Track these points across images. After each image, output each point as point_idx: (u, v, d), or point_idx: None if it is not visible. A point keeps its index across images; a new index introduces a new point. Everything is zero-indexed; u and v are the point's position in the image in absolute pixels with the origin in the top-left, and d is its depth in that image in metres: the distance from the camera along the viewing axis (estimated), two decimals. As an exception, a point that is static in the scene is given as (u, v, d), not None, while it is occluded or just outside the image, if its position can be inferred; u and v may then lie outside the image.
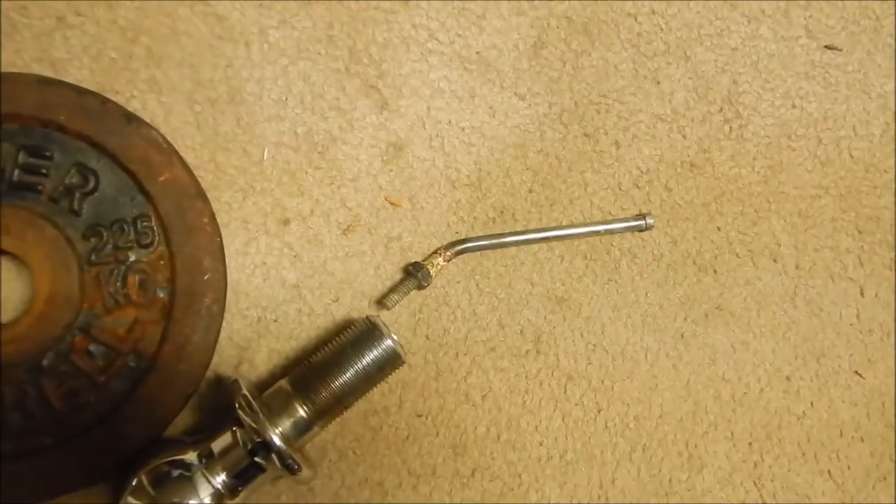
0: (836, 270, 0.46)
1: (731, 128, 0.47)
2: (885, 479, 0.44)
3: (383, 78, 0.43)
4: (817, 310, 0.46)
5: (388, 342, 0.37)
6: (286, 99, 0.41)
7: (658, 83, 0.46)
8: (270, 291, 0.41)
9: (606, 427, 0.43)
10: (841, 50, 0.48)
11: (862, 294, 0.46)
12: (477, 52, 0.44)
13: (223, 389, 0.39)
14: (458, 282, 0.43)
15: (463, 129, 0.44)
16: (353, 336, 0.38)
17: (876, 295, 0.46)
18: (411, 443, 0.41)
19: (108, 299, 0.37)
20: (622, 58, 0.46)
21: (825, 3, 0.48)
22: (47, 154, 0.37)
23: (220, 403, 0.39)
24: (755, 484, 0.43)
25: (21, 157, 0.36)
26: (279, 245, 0.41)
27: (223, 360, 0.40)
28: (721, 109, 0.47)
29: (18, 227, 0.36)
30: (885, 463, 0.44)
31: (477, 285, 0.43)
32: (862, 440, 0.44)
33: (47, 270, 0.36)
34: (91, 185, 0.37)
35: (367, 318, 0.38)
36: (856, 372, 0.45)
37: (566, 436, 0.42)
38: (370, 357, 0.37)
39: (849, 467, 0.44)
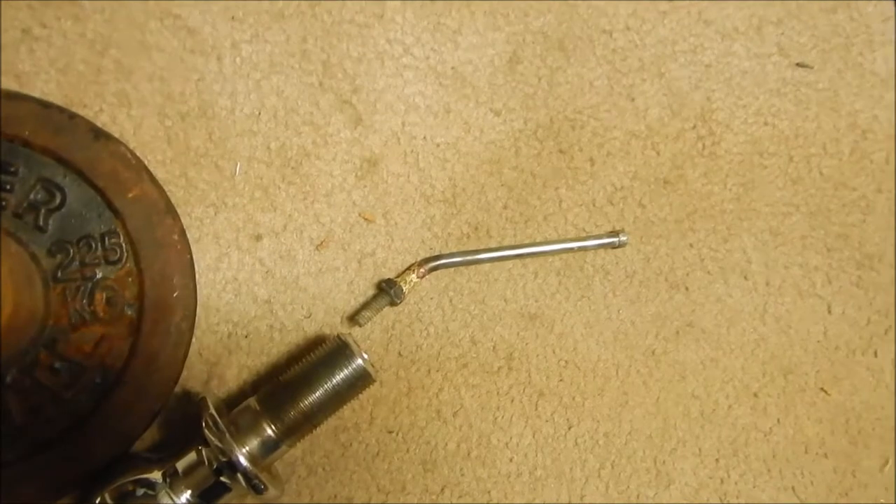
0: (805, 288, 0.47)
1: (704, 145, 0.47)
2: (847, 494, 0.45)
3: (357, 93, 0.42)
4: (786, 327, 0.46)
5: (359, 361, 0.37)
6: (259, 113, 0.41)
7: (633, 100, 0.46)
8: (242, 307, 0.41)
9: (576, 444, 0.43)
10: (812, 68, 0.48)
11: (829, 311, 0.47)
12: (452, 68, 0.44)
13: (192, 406, 0.39)
14: (431, 298, 0.43)
15: (438, 145, 0.44)
16: (323, 354, 0.38)
17: (843, 312, 0.47)
18: (381, 459, 0.41)
19: (74, 316, 0.36)
20: (597, 74, 0.46)
21: (797, 21, 0.48)
22: (12, 169, 0.36)
23: (188, 420, 0.39)
24: (721, 500, 0.44)
25: (-16, 173, 0.36)
26: (251, 261, 0.41)
27: (193, 376, 0.40)
28: (695, 126, 0.47)
29: (-18, 243, 0.36)
30: (847, 479, 0.45)
31: (450, 301, 0.43)
32: (826, 456, 0.45)
33: (10, 286, 0.35)
34: (57, 200, 0.36)
35: (337, 336, 0.38)
36: (821, 389, 0.46)
37: (536, 452, 0.42)
38: (340, 376, 0.37)
39: (812, 483, 0.45)
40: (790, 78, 0.48)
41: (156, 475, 0.35)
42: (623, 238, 0.44)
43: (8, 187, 0.36)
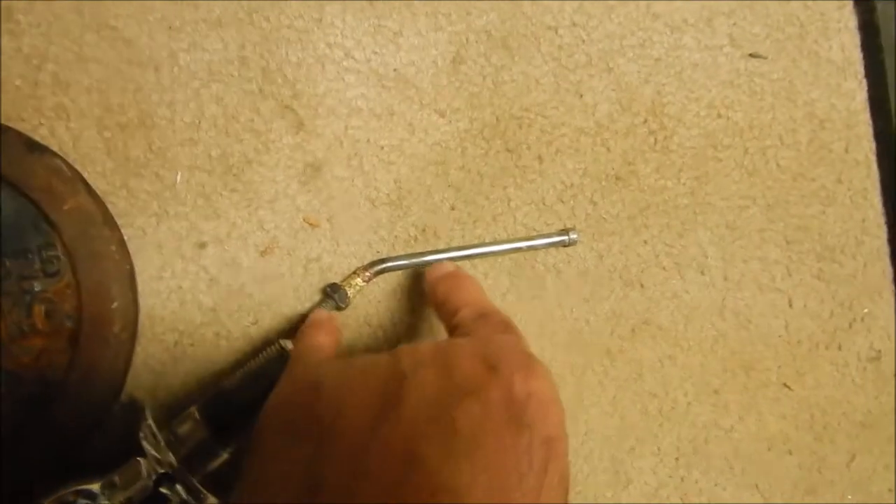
0: (765, 281, 0.46)
1: (655, 139, 0.46)
2: (813, 492, 0.44)
3: (298, 98, 0.42)
4: (745, 322, 0.45)
5: (298, 367, 0.37)
6: (199, 122, 0.41)
7: (581, 96, 0.46)
8: (187, 315, 0.41)
9: (530, 445, 0.42)
10: (766, 58, 0.48)
11: (790, 305, 0.46)
12: (394, 70, 0.44)
13: (136, 415, 0.39)
14: (379, 301, 0.43)
15: (382, 148, 0.43)
16: (264, 361, 0.37)
17: (804, 305, 0.46)
18: (330, 466, 0.40)
19: (13, 329, 0.37)
20: (543, 71, 0.45)
21: (749, 11, 0.48)
22: (-54, 185, 0.36)
23: (132, 430, 0.39)
24: (682, 499, 0.43)
25: (-81, 189, 0.36)
26: (195, 269, 0.41)
27: (139, 385, 0.40)
28: (645, 121, 0.46)
29: (-82, 259, 0.36)
30: (812, 476, 0.44)
31: (399, 304, 0.43)
32: (790, 453, 0.44)
33: (-53, 302, 0.36)
34: (-7, 215, 0.37)
35: (277, 343, 0.38)
36: (784, 384, 0.45)
37: (488, 455, 0.42)
38: (280, 382, 0.37)
39: (776, 481, 0.44)
40: (743, 69, 0.48)
41: (95, 486, 0.35)
42: (574, 236, 0.44)
43: (-56, 203, 0.36)
